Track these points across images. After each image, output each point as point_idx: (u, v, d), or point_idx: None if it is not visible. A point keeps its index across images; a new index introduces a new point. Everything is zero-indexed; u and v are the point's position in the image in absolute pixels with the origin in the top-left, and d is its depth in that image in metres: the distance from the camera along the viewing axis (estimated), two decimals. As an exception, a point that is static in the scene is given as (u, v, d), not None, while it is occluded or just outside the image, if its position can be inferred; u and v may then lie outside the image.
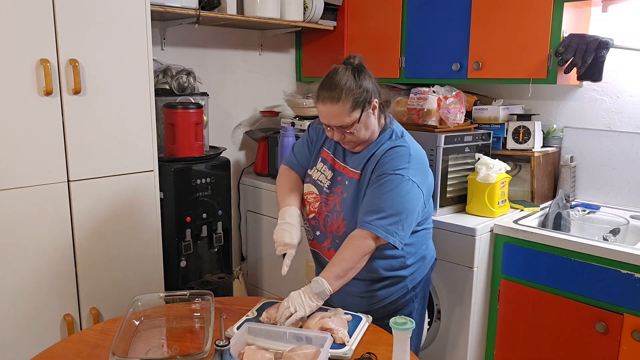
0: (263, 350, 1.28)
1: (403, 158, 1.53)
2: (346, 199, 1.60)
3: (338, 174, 1.65)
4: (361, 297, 1.66)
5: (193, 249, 2.31)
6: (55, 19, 1.77)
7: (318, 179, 1.68)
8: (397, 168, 1.52)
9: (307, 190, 1.71)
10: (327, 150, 1.71)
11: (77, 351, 1.35)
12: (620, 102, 2.28)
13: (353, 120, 1.52)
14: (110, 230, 2.01)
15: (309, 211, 1.69)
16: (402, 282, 1.66)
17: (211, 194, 2.32)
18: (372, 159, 1.59)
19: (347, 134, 1.55)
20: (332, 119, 1.53)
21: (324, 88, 1.52)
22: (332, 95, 1.49)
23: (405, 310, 1.71)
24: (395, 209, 1.49)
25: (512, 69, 2.22)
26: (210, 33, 2.75)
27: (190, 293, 1.59)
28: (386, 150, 1.56)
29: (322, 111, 1.54)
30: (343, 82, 1.50)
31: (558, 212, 2.20)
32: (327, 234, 1.66)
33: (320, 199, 1.66)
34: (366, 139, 1.59)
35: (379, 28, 2.67)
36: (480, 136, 2.29)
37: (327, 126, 1.57)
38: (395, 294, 1.67)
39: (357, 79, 1.51)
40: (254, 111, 3.02)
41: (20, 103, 1.74)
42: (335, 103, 1.50)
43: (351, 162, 1.63)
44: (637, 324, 1.74)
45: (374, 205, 1.51)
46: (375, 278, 1.64)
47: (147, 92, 2.04)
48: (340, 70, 1.53)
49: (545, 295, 1.96)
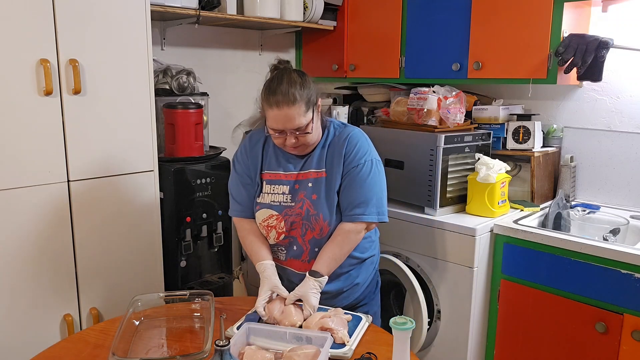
0: (263, 350, 1.28)
1: (362, 143, 1.60)
2: (317, 200, 1.58)
3: (297, 183, 1.61)
4: (347, 291, 1.69)
5: (193, 249, 2.31)
6: (55, 19, 1.77)
7: (273, 201, 1.61)
8: (364, 155, 1.58)
9: (264, 217, 1.62)
10: (271, 172, 1.64)
11: (77, 351, 1.35)
12: (620, 102, 2.28)
13: (308, 120, 1.52)
14: (110, 230, 2.01)
15: (277, 234, 1.62)
16: (372, 263, 1.75)
17: (211, 194, 2.32)
18: (330, 153, 1.60)
19: (301, 137, 1.53)
20: (289, 122, 1.49)
21: (275, 93, 1.48)
22: (287, 98, 1.47)
23: (374, 295, 1.80)
24: (376, 192, 1.58)
25: (512, 69, 2.22)
26: (210, 33, 2.75)
27: (190, 293, 1.59)
28: (344, 140, 1.59)
29: (277, 116, 1.49)
30: (294, 85, 1.48)
31: (558, 212, 2.20)
32: (304, 245, 1.62)
33: (282, 217, 1.60)
34: (315, 140, 1.59)
35: (379, 28, 2.67)
36: (480, 136, 2.29)
37: (277, 132, 1.52)
38: (368, 277, 1.74)
39: (304, 81, 1.52)
40: (254, 111, 3.02)
41: (20, 103, 1.73)
42: (292, 105, 1.47)
43: (308, 165, 1.61)
44: (637, 324, 1.74)
45: (360, 197, 1.56)
46: (355, 265, 1.68)
47: (147, 92, 2.04)
48: (285, 75, 1.51)
49: (545, 295, 1.96)
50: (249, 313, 1.50)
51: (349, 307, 1.66)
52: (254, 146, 1.68)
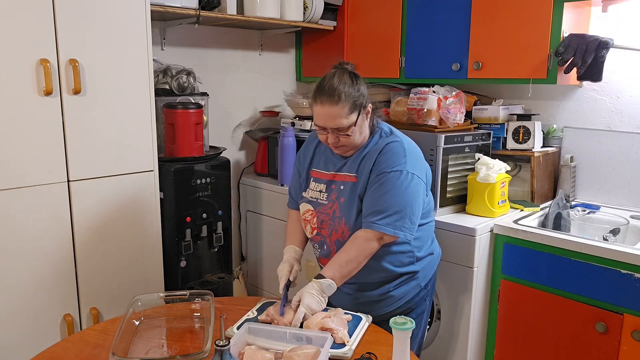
0: (263, 350, 1.28)
1: (399, 153, 1.56)
2: (343, 203, 1.61)
3: (333, 183, 1.66)
4: (378, 301, 1.68)
5: (193, 249, 2.31)
6: (55, 19, 1.77)
7: (311, 197, 1.69)
8: (395, 164, 1.54)
9: (303, 210, 1.72)
10: (317, 170, 1.72)
11: (77, 351, 1.35)
12: (620, 102, 2.28)
13: (350, 122, 1.53)
14: (110, 230, 2.01)
15: (311, 229, 1.69)
16: (415, 280, 1.69)
17: (211, 194, 2.32)
18: (365, 159, 1.60)
19: (342, 138, 1.56)
20: (330, 120, 1.53)
21: (322, 90, 1.53)
22: (332, 97, 1.51)
23: (418, 309, 1.73)
24: (399, 205, 1.52)
25: (512, 69, 2.22)
26: (210, 33, 2.75)
27: (190, 293, 1.59)
28: (381, 149, 1.58)
29: (320, 113, 1.54)
30: (342, 85, 1.52)
31: (558, 212, 2.20)
32: (332, 245, 1.65)
33: (316, 213, 1.66)
34: (358, 143, 1.61)
35: (379, 28, 2.67)
36: (480, 136, 2.29)
37: (322, 129, 1.58)
38: (409, 293, 1.69)
39: (355, 83, 1.54)
40: (254, 111, 3.02)
41: (20, 103, 1.74)
42: (335, 105, 1.51)
43: (345, 168, 1.65)
44: (637, 324, 1.74)
45: (378, 205, 1.52)
46: (388, 278, 1.65)
47: (147, 92, 2.04)
48: (337, 74, 1.55)
49: (545, 295, 1.96)
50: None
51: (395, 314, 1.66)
52: (310, 143, 1.77)
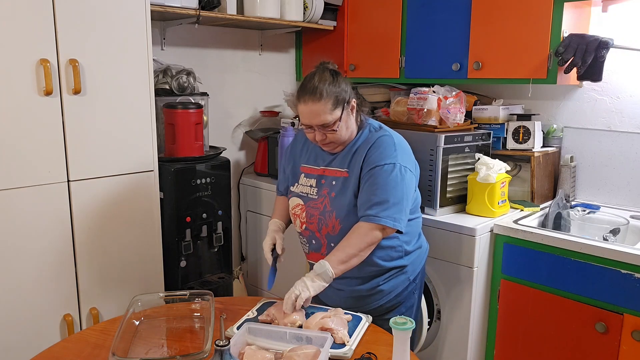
0: (263, 350, 1.28)
1: (389, 147, 1.59)
2: (335, 198, 1.62)
3: (323, 178, 1.68)
4: (368, 296, 1.68)
5: (193, 249, 2.31)
6: (55, 19, 1.77)
7: (301, 191, 1.71)
8: (387, 158, 1.56)
9: (293, 205, 1.73)
10: (307, 165, 1.74)
11: (77, 351, 1.35)
12: (620, 102, 2.28)
13: (335, 118, 1.56)
14: (110, 230, 2.01)
15: (300, 223, 1.70)
16: (404, 274, 1.70)
17: (211, 194, 2.32)
18: (356, 154, 1.63)
19: (329, 134, 1.58)
20: (315, 118, 1.56)
21: (304, 89, 1.57)
22: (314, 94, 1.54)
23: (407, 302, 1.74)
24: (395, 197, 1.54)
25: (512, 69, 2.22)
26: (210, 33, 2.75)
27: (190, 293, 1.59)
28: (371, 144, 1.60)
29: (304, 111, 1.57)
30: (323, 82, 1.55)
31: (558, 212, 2.20)
32: (322, 239, 1.67)
33: (305, 207, 1.68)
34: (345, 139, 1.63)
35: (379, 28, 2.67)
36: (480, 136, 2.29)
37: (308, 127, 1.60)
38: (398, 287, 1.70)
39: (335, 80, 1.57)
40: (254, 111, 3.02)
41: (20, 103, 1.74)
42: (317, 102, 1.54)
43: (335, 162, 1.67)
44: (637, 324, 1.74)
45: (375, 198, 1.54)
46: (377, 272, 1.66)
47: (147, 92, 2.04)
48: (317, 73, 1.58)
49: (545, 295, 1.96)
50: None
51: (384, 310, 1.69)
52: (298, 141, 1.82)
